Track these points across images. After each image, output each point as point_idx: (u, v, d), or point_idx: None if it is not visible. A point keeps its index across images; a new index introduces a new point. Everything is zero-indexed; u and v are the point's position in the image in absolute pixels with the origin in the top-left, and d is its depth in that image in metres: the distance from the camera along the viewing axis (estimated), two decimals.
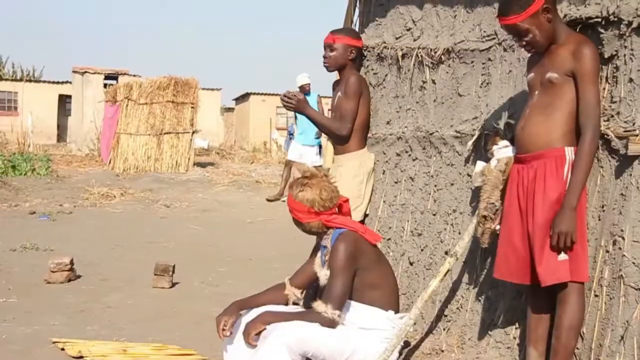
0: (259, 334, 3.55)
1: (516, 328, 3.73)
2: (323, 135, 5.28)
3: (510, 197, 3.46)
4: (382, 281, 3.79)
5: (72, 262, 6.18)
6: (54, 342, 4.35)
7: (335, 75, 5.17)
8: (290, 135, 35.19)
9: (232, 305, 3.77)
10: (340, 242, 3.70)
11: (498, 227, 3.57)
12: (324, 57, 4.94)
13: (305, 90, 12.26)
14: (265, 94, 41.05)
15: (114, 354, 4.15)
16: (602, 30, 3.34)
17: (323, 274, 3.81)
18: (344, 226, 3.80)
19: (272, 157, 24.69)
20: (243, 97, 43.66)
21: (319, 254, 3.94)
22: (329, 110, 5.44)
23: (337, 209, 3.85)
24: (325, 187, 3.81)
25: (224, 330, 3.65)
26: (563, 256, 3.19)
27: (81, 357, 4.11)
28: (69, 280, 6.09)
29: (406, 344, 4.07)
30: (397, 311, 3.81)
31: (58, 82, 37.15)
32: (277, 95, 38.28)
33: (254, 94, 41.56)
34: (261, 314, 3.64)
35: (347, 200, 3.97)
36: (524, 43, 3.39)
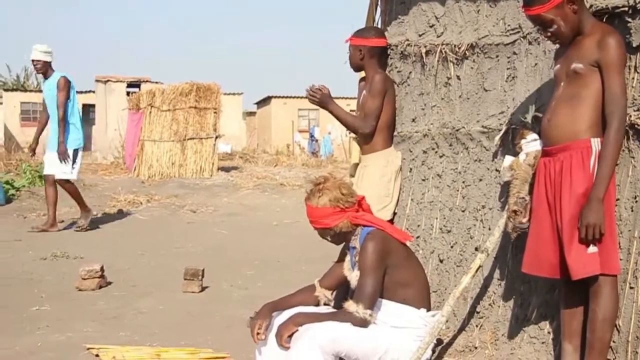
0: (291, 335, 3.55)
1: (550, 323, 3.70)
2: (349, 133, 5.23)
3: (538, 190, 3.43)
4: (413, 279, 3.77)
5: (102, 269, 6.22)
6: (88, 349, 4.38)
7: (358, 74, 5.18)
8: (312, 137, 35.32)
9: (263, 308, 3.77)
10: (369, 241, 3.68)
11: (526, 220, 3.55)
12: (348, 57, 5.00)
13: (39, 68, 9.66)
14: (287, 97, 41.12)
15: (148, 358, 4.17)
16: (629, 20, 3.31)
17: (354, 276, 3.77)
18: (372, 224, 3.79)
19: (295, 160, 24.70)
20: (264, 101, 43.79)
21: (348, 257, 3.92)
22: (351, 110, 5.43)
23: (358, 205, 3.83)
24: (342, 184, 3.82)
25: (258, 334, 3.66)
26: (592, 249, 3.16)
27: None
28: (100, 287, 6.13)
29: (439, 341, 4.06)
30: (428, 309, 3.79)
31: (81, 92, 37.38)
32: (298, 98, 38.37)
33: (276, 97, 41.66)
34: (293, 315, 3.64)
35: (364, 198, 3.93)
36: (549, 34, 3.36)
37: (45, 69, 9.63)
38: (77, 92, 10.23)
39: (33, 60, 9.60)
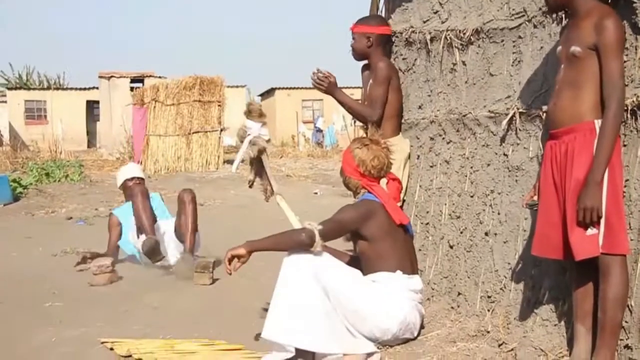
0: (233, 258, 4.05)
1: (562, 305, 3.71)
2: (354, 122, 5.25)
3: (545, 173, 3.45)
4: (391, 253, 4.03)
5: (113, 264, 6.24)
6: (102, 343, 4.40)
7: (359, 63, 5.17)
8: (317, 128, 35.29)
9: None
10: (360, 201, 4.11)
11: (536, 198, 3.58)
12: (350, 46, 4.98)
13: None
14: (290, 88, 41.05)
15: (162, 351, 4.19)
16: (635, 0, 3.30)
17: None
18: (380, 196, 4.07)
19: (300, 151, 24.72)
20: (268, 93, 43.74)
21: None
22: (357, 100, 5.43)
23: (379, 181, 4.14)
24: (380, 156, 4.13)
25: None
26: (591, 231, 3.18)
27: (130, 355, 4.16)
28: (111, 282, 6.15)
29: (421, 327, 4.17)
30: (406, 272, 4.05)
31: (85, 89, 37.52)
32: (302, 89, 38.32)
33: (279, 88, 41.60)
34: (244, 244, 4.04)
35: (396, 179, 4.24)
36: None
37: None
38: (81, 88, 10.03)
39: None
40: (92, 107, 36.60)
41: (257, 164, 4.78)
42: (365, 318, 3.84)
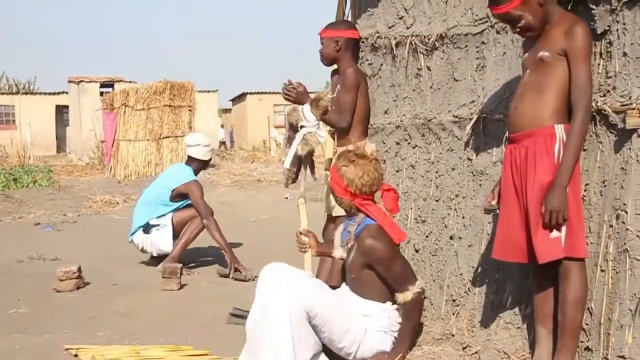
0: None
1: (525, 308, 3.75)
2: (327, 127, 5.26)
3: (505, 177, 3.49)
4: (383, 281, 3.84)
5: (79, 270, 6.18)
6: (66, 349, 4.36)
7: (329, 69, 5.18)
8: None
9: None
10: (377, 239, 3.77)
11: (495, 202, 3.61)
12: (319, 51, 4.98)
13: None
14: (262, 93, 41.07)
15: (128, 357, 4.17)
16: (593, 6, 3.36)
17: (339, 253, 4.11)
18: (375, 218, 3.85)
19: (271, 156, 24.71)
20: (240, 97, 43.70)
21: (339, 235, 4.11)
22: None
23: (373, 197, 3.91)
24: (370, 172, 3.85)
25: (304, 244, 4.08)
26: (555, 234, 3.23)
27: None
28: (78, 288, 6.10)
29: None
30: (394, 303, 3.86)
31: (54, 93, 37.16)
32: (273, 93, 38.34)
33: (251, 93, 41.58)
34: None
35: (391, 189, 3.99)
36: (518, 29, 3.42)
37: None
38: (50, 93, 9.98)
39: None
40: (61, 112, 36.24)
41: (298, 160, 4.65)
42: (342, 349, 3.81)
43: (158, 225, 7.05)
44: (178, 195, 7.10)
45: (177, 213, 7.11)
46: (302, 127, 4.58)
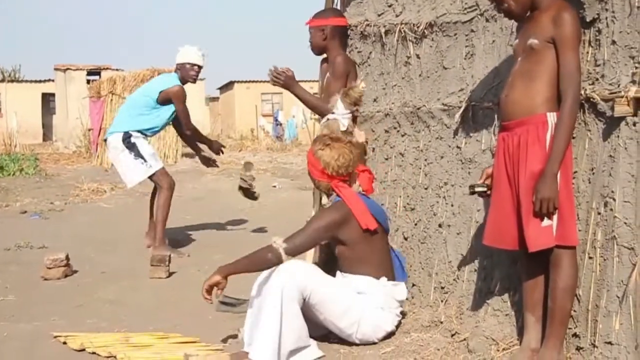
0: (211, 288, 3.81)
1: (513, 295, 3.77)
2: (313, 115, 5.26)
3: (498, 165, 3.49)
4: (369, 255, 3.95)
5: (67, 258, 6.17)
6: (55, 337, 4.36)
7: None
8: (276, 121, 35.25)
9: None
10: (329, 208, 4.00)
11: (487, 190, 3.63)
12: (309, 41, 5.00)
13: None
14: (249, 82, 40.91)
15: (116, 344, 4.16)
16: None
17: None
18: (347, 200, 3.94)
19: (259, 144, 24.67)
20: (227, 86, 43.54)
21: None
22: (314, 93, 5.43)
23: (350, 178, 4.04)
24: (345, 154, 4.01)
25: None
26: (547, 222, 3.24)
27: (83, 349, 4.13)
28: (66, 276, 6.09)
29: (402, 314, 4.14)
30: (389, 278, 3.98)
31: (40, 81, 36.90)
32: (261, 82, 38.21)
33: (238, 81, 41.43)
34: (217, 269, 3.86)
35: (366, 171, 4.15)
36: (502, 10, 3.45)
37: None
38: (36, 81, 9.81)
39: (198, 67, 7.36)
40: (47, 100, 36.03)
41: None
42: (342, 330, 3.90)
43: (135, 149, 7.06)
44: (162, 102, 7.15)
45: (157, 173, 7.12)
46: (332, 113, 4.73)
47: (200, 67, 7.22)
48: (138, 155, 7.03)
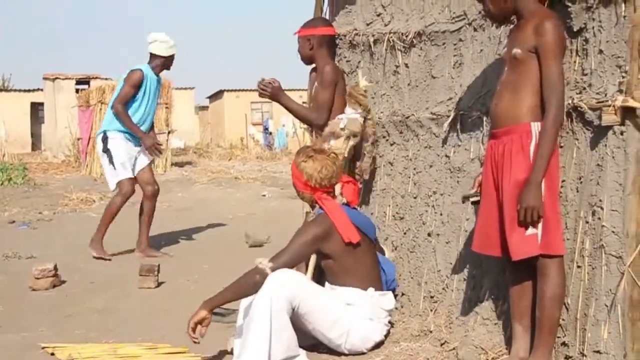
0: (198, 323, 3.79)
1: (502, 304, 3.77)
2: (300, 123, 5.26)
3: (486, 171, 3.52)
4: (355, 266, 3.95)
5: (56, 268, 6.13)
6: (43, 348, 4.33)
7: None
8: (266, 130, 35.27)
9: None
10: (312, 222, 4.01)
11: (474, 192, 3.65)
12: (297, 51, 5.01)
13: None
14: (239, 90, 40.91)
15: (105, 355, 4.14)
16: (569, 4, 3.37)
17: None
18: (330, 213, 3.93)
19: (249, 153, 24.65)
20: (217, 95, 43.51)
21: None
22: (303, 102, 5.43)
23: (333, 189, 4.04)
24: (328, 166, 4.01)
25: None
26: (531, 230, 3.25)
27: None
28: (54, 286, 6.05)
29: (390, 323, 4.14)
30: (377, 289, 3.99)
31: (29, 90, 36.76)
32: (250, 90, 38.19)
33: (228, 90, 41.42)
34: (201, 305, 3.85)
35: (350, 181, 4.17)
36: (484, 12, 3.54)
37: None
38: (25, 90, 9.81)
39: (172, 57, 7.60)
40: (36, 109, 35.88)
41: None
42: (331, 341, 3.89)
43: (109, 155, 7.28)
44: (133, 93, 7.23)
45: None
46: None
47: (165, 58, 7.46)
48: (110, 161, 7.27)
